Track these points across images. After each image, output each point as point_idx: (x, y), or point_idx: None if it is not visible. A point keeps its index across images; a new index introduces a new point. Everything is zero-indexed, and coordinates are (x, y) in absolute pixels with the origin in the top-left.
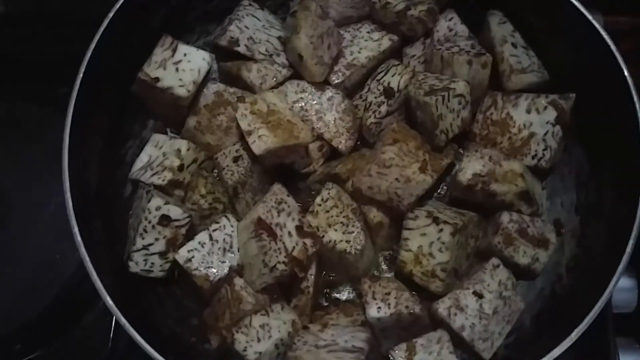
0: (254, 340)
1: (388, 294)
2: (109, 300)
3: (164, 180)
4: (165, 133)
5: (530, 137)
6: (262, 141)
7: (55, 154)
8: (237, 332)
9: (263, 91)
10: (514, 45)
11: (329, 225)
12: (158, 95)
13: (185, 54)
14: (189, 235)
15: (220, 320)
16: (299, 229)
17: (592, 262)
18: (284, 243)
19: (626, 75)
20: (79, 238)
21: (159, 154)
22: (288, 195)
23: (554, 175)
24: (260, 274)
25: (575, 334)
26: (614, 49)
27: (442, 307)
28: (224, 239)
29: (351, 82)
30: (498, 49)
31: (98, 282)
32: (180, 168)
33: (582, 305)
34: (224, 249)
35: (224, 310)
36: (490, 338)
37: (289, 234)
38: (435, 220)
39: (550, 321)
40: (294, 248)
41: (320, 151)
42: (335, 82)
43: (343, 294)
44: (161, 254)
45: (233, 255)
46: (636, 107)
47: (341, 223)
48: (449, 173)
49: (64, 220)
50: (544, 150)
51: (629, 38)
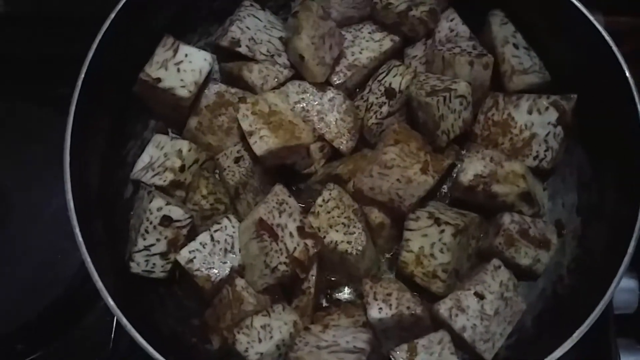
0: (255, 341)
1: (389, 294)
2: (110, 300)
3: (165, 180)
4: (167, 133)
5: (532, 138)
6: (264, 142)
7: (56, 154)
8: (239, 333)
9: (264, 92)
10: (515, 46)
11: (330, 226)
12: (159, 95)
13: (186, 55)
14: (191, 236)
15: (221, 321)
16: (300, 230)
17: (594, 263)
18: (285, 244)
19: (627, 76)
20: (81, 238)
21: (160, 155)
22: (289, 196)
23: (555, 176)
24: (262, 274)
25: (576, 335)
26: (615, 49)
27: (444, 308)
28: (226, 240)
29: (352, 83)
30: (499, 50)
31: (99, 283)
32: (182, 169)
33: (584, 306)
34: (226, 250)
35: (225, 311)
36: (491, 339)
37: (290, 234)
38: (437, 221)
39: (552, 322)
40: (295, 249)
41: (321, 152)
42: (337, 83)
43: (344, 295)
44: (162, 255)
45: (234, 255)
46: (637, 108)
47: (342, 224)
48: (450, 174)
49: (64, 220)
50: (546, 151)
51: (630, 38)
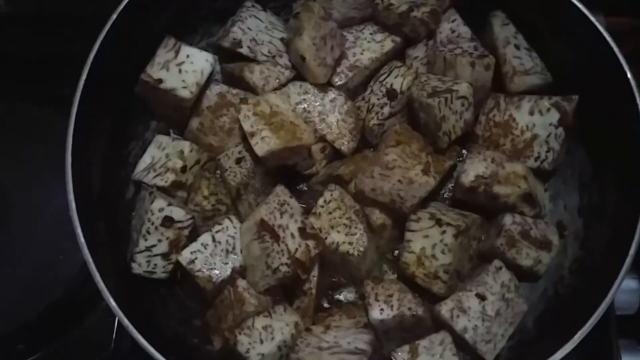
0: (257, 342)
1: (391, 295)
2: (112, 301)
3: (166, 181)
4: (168, 134)
5: (533, 139)
6: (265, 142)
7: (56, 154)
8: (240, 334)
9: (266, 92)
10: (516, 46)
11: (332, 227)
12: (161, 96)
13: (188, 56)
14: (192, 237)
15: (222, 322)
16: (301, 231)
17: (595, 264)
18: (286, 245)
19: (629, 76)
20: (83, 239)
21: (161, 155)
22: (291, 197)
23: (556, 177)
24: (263, 275)
25: (578, 337)
26: (616, 50)
27: (445, 309)
28: (227, 241)
29: (354, 84)
30: (501, 51)
31: (101, 283)
32: (183, 169)
33: (585, 307)
34: (227, 251)
35: (227, 312)
36: (492, 340)
37: (292, 235)
38: (438, 222)
39: (553, 323)
40: (296, 250)
41: (322, 153)
42: (338, 84)
43: (346, 296)
44: (164, 256)
45: (236, 256)
46: (638, 109)
47: (344, 225)
48: (452, 175)
49: (65, 220)
50: (547, 152)
51: (630, 39)
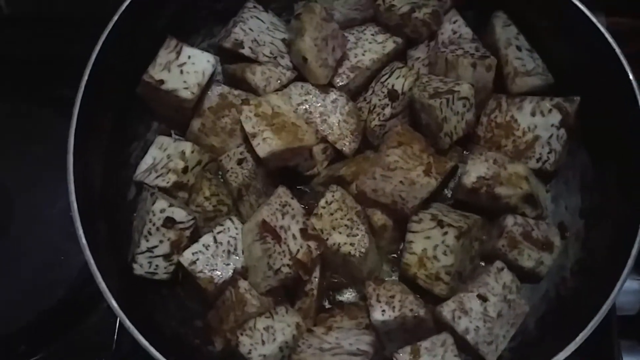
0: (259, 343)
1: (392, 297)
2: (113, 302)
3: (168, 182)
4: (170, 135)
5: (535, 140)
6: (267, 143)
7: (56, 155)
8: (242, 335)
9: (267, 93)
10: (518, 47)
11: (333, 228)
12: (162, 97)
13: (189, 57)
14: (193, 238)
15: (224, 323)
16: (303, 232)
17: (597, 265)
18: (288, 246)
19: (630, 77)
20: (84, 240)
21: (163, 156)
22: (292, 198)
23: (558, 178)
24: (265, 276)
25: (580, 338)
26: (617, 50)
27: (447, 310)
28: (228, 242)
29: (355, 85)
30: (502, 52)
31: (102, 284)
32: (185, 170)
33: (587, 309)
34: (228, 252)
35: (228, 313)
36: (494, 341)
37: (293, 236)
38: (440, 223)
39: (555, 324)
40: (298, 251)
41: (324, 153)
42: (340, 85)
43: (347, 297)
44: (165, 256)
45: (237, 257)
46: None
47: (345, 226)
48: (454, 176)
49: (66, 221)
50: (549, 153)
51: (632, 39)
